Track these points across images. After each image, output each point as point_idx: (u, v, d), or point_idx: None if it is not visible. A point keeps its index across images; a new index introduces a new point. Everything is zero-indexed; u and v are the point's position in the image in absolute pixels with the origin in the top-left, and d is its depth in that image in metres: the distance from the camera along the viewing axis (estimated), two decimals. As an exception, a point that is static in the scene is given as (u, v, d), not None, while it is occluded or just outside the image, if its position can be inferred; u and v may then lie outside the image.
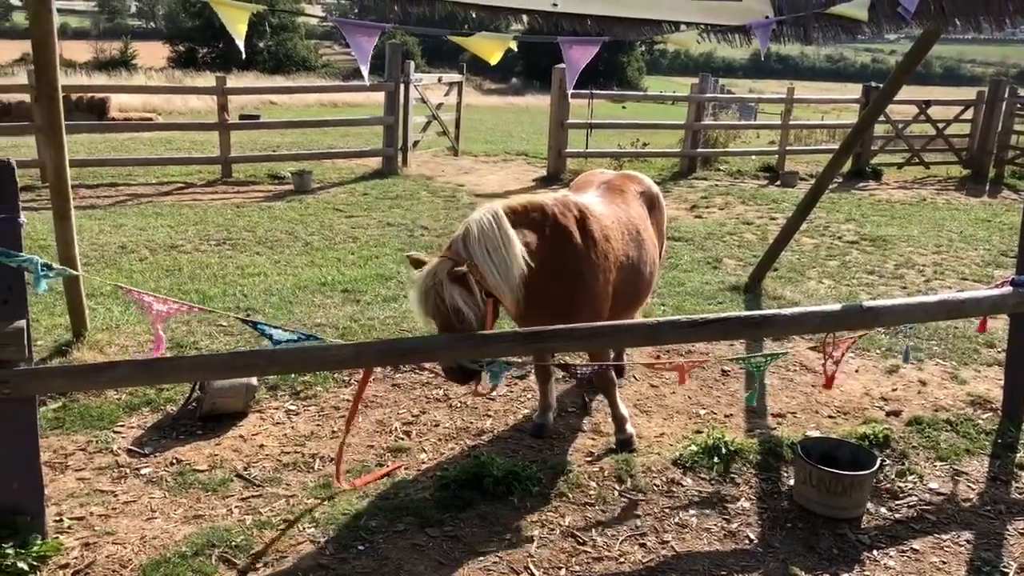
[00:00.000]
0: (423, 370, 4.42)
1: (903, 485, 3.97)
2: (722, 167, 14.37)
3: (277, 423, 4.40)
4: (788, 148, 14.89)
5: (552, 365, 4.31)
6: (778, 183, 13.32)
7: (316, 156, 12.97)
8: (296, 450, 4.11)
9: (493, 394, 4.68)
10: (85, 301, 5.31)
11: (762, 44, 4.03)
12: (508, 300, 3.51)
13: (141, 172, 11.62)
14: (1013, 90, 14.62)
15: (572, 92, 4.60)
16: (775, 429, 4.56)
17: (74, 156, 8.15)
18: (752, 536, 3.53)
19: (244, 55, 4.40)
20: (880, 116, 10.10)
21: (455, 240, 3.46)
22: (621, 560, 3.34)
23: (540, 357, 4.20)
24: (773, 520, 3.65)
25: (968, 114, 15.33)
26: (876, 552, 3.45)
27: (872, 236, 9.49)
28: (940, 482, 4.03)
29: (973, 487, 4.01)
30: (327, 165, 12.85)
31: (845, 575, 3.29)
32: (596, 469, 4.00)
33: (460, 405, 4.68)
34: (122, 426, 4.27)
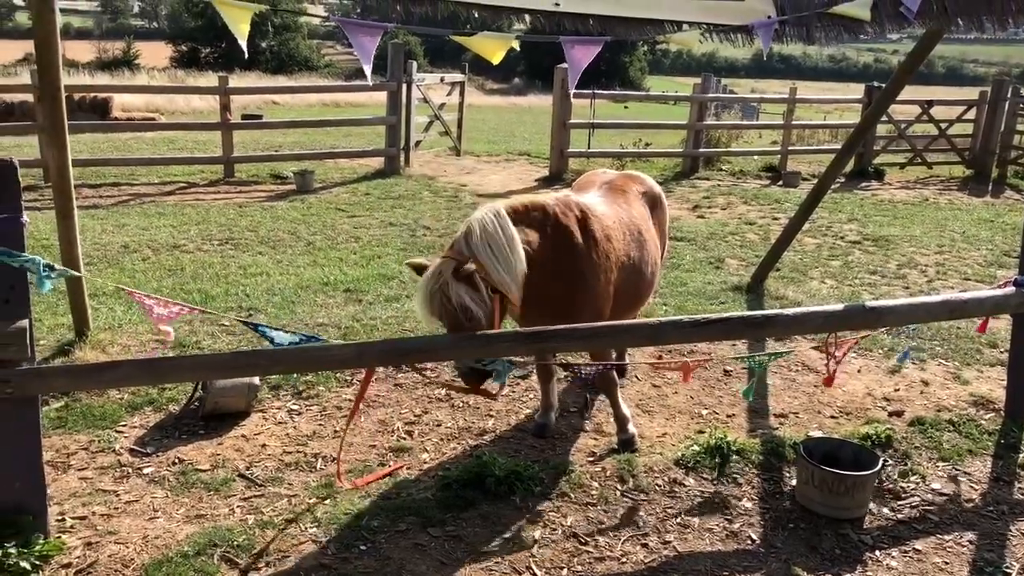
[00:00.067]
0: (420, 372, 4.40)
1: (905, 485, 3.97)
2: (724, 167, 14.36)
3: (279, 423, 4.40)
4: (790, 148, 14.88)
5: (555, 365, 4.30)
6: (780, 183, 13.31)
7: (318, 156, 12.97)
8: (298, 450, 4.11)
9: (499, 396, 4.66)
10: (88, 301, 5.31)
11: (764, 44, 4.02)
12: (514, 295, 3.49)
13: (144, 172, 11.63)
14: (1016, 90, 14.60)
15: (574, 92, 4.60)
16: (777, 429, 4.55)
17: (77, 156, 8.17)
18: (754, 536, 3.53)
19: (247, 55, 4.41)
20: (883, 116, 10.11)
21: (457, 240, 3.45)
22: (623, 560, 3.34)
23: (542, 357, 4.20)
24: (775, 520, 3.65)
25: (971, 114, 15.30)
26: (878, 552, 3.45)
27: (874, 236, 9.48)
28: (942, 482, 4.03)
29: (975, 487, 4.00)
30: (329, 165, 12.85)
31: (847, 575, 3.29)
32: (598, 469, 3.99)
33: (462, 405, 4.68)
34: (124, 426, 4.28)
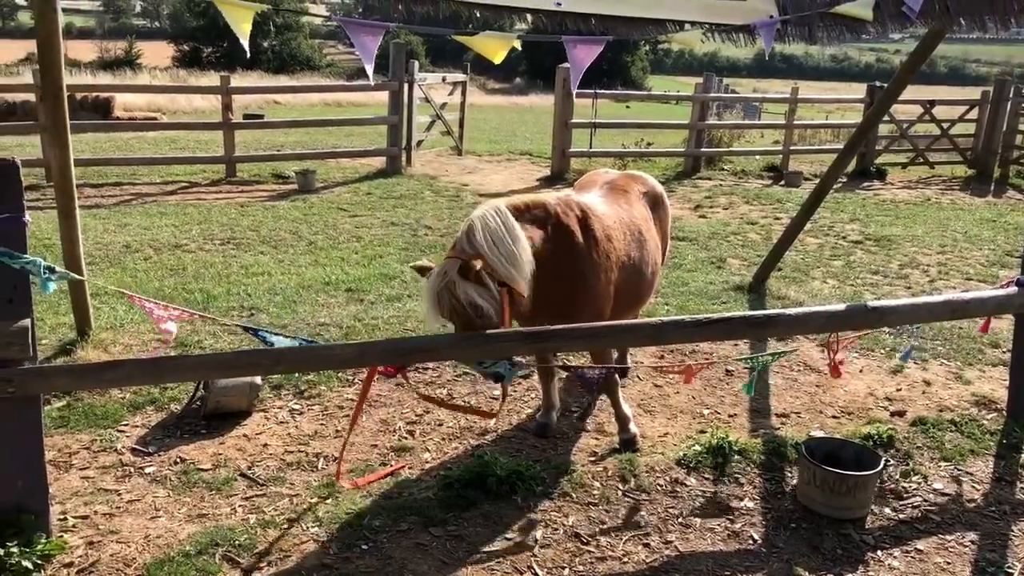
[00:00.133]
0: (414, 388, 4.37)
1: (907, 485, 3.96)
2: (726, 167, 14.35)
3: (281, 422, 4.40)
4: (792, 148, 14.86)
5: (556, 367, 4.30)
6: (782, 183, 13.30)
7: (320, 155, 12.97)
8: (300, 449, 4.11)
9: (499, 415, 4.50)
10: (89, 300, 5.32)
11: (766, 43, 4.02)
12: (522, 287, 3.45)
13: (145, 171, 11.63)
14: (1018, 90, 14.58)
15: (576, 91, 4.60)
16: (779, 429, 4.55)
17: (79, 155, 8.19)
18: (756, 536, 3.53)
19: (248, 54, 4.41)
20: (885, 116, 10.10)
21: (459, 239, 3.44)
22: (624, 560, 3.34)
23: (542, 357, 4.20)
24: (777, 520, 3.65)
25: (973, 114, 15.28)
26: (880, 552, 3.44)
27: (876, 236, 9.47)
28: (944, 483, 4.02)
29: (978, 488, 4.00)
30: (331, 164, 12.85)
31: (849, 575, 3.29)
32: (600, 469, 3.99)
33: (464, 404, 4.68)
34: (126, 425, 4.28)
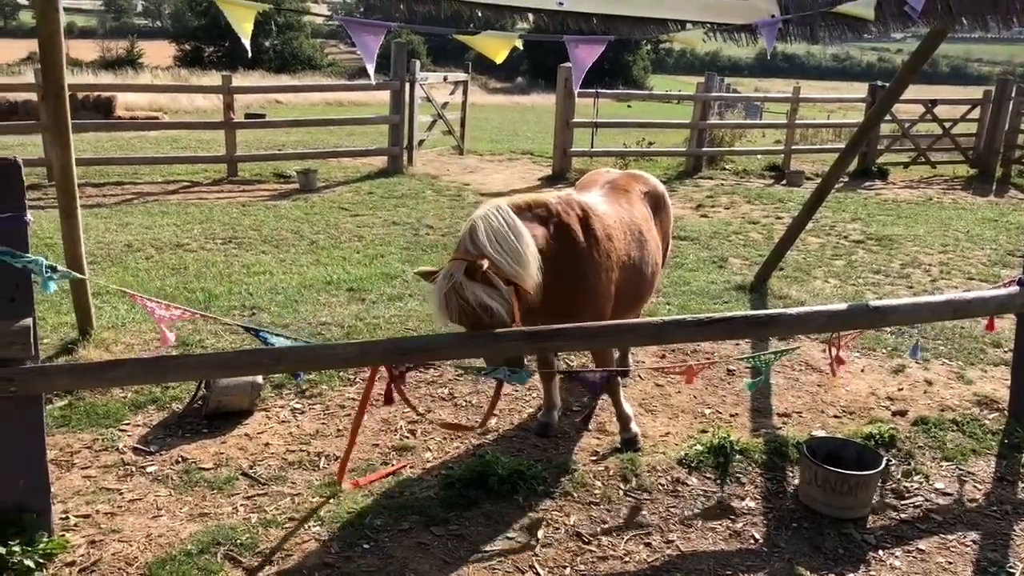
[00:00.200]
0: (408, 402, 4.35)
1: (909, 485, 3.96)
2: (728, 166, 14.34)
3: (282, 421, 4.41)
4: (794, 147, 14.86)
5: (559, 372, 4.29)
6: (784, 182, 13.29)
7: (321, 155, 12.97)
8: (301, 448, 4.12)
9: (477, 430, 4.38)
10: (91, 299, 5.32)
11: (768, 43, 4.01)
12: (530, 284, 3.43)
13: (147, 171, 11.64)
14: (1020, 89, 14.54)
15: (578, 91, 4.59)
16: (780, 429, 4.55)
17: (80, 155, 8.19)
18: (757, 536, 3.53)
19: (250, 54, 4.41)
20: (886, 115, 10.08)
21: (463, 239, 3.42)
22: (626, 559, 3.34)
23: (544, 356, 4.20)
24: (778, 520, 3.65)
25: (975, 113, 15.26)
26: (882, 552, 3.44)
27: (878, 235, 9.47)
28: (946, 482, 4.02)
29: (979, 487, 3.99)
30: (332, 164, 12.86)
31: (850, 575, 3.29)
32: (601, 468, 3.99)
33: (465, 404, 4.68)
34: (128, 424, 4.29)
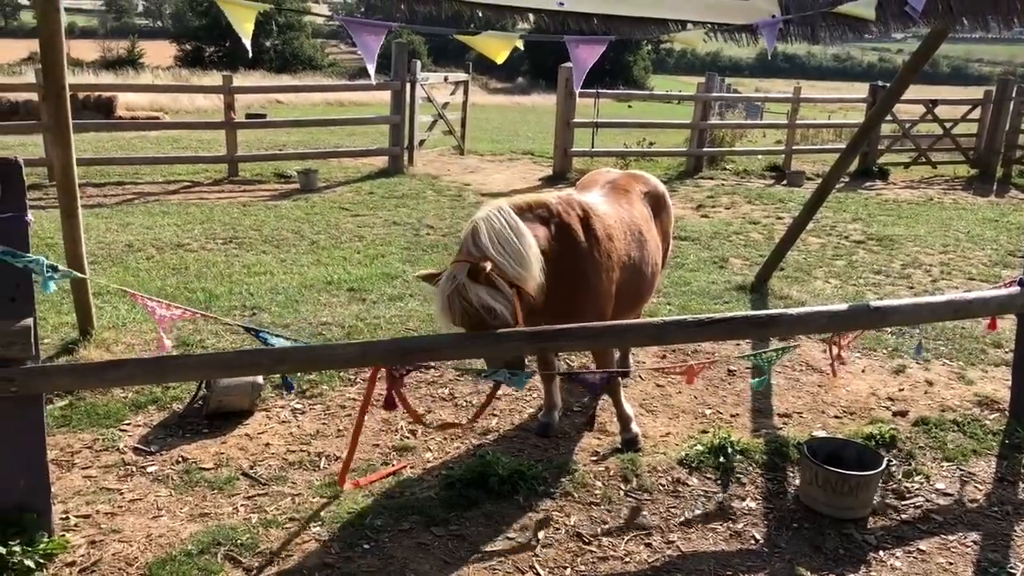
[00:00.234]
0: (408, 406, 4.32)
1: (909, 485, 3.96)
2: (728, 166, 14.34)
3: (283, 422, 4.41)
4: (794, 147, 14.86)
5: (559, 374, 4.28)
6: (784, 182, 13.29)
7: (322, 155, 12.98)
8: (302, 449, 4.12)
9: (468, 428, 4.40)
10: (92, 299, 5.32)
11: (769, 43, 4.01)
12: (531, 288, 3.43)
13: (148, 171, 11.64)
14: (1021, 89, 14.55)
15: (579, 91, 4.59)
16: (781, 429, 4.54)
17: (81, 155, 8.18)
18: (758, 536, 3.53)
19: (251, 54, 4.40)
20: (887, 115, 10.08)
21: (465, 241, 3.41)
22: (626, 560, 3.33)
23: (545, 356, 4.20)
24: (779, 520, 3.64)
25: (975, 113, 15.26)
26: (882, 553, 3.44)
27: (879, 236, 9.46)
28: (947, 483, 4.02)
29: (980, 488, 3.99)
30: (333, 164, 12.86)
31: (851, 575, 3.30)
32: (602, 468, 3.99)
33: (466, 404, 4.68)
34: (128, 424, 4.29)
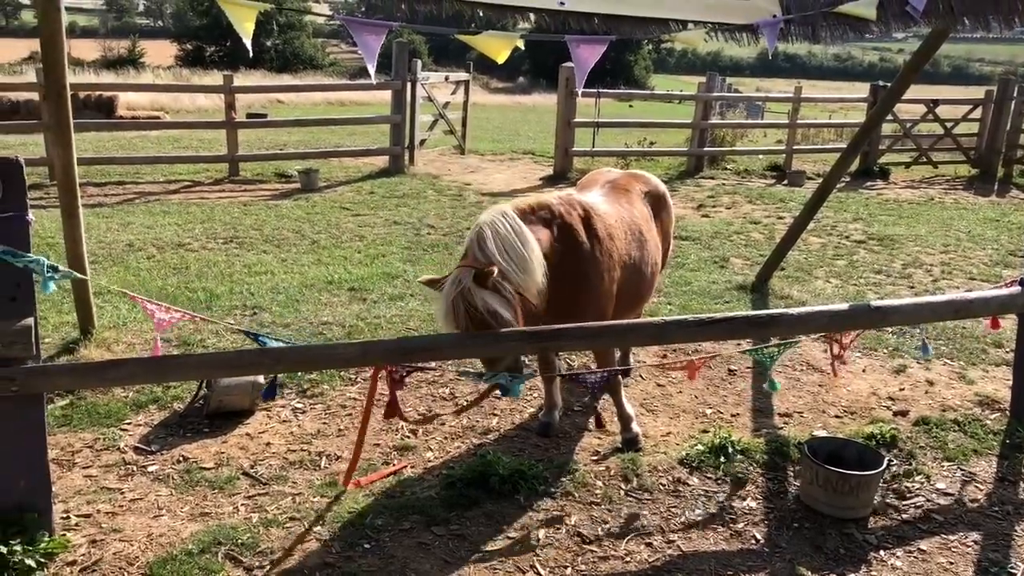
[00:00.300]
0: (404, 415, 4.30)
1: (910, 485, 3.96)
2: (729, 166, 14.34)
3: (284, 421, 4.41)
4: (795, 147, 14.86)
5: (559, 375, 4.28)
6: (785, 182, 13.29)
7: (323, 155, 12.98)
8: (302, 448, 4.12)
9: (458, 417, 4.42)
10: (92, 299, 5.32)
11: (770, 43, 4.01)
12: (532, 293, 3.43)
13: (149, 170, 11.65)
14: (1022, 89, 14.54)
15: (581, 91, 4.58)
16: (782, 429, 4.54)
17: (82, 154, 8.19)
18: (758, 536, 3.53)
19: (251, 53, 4.40)
20: (888, 115, 10.07)
21: (470, 246, 3.39)
22: (627, 559, 3.33)
23: (545, 356, 4.20)
24: (779, 520, 3.64)
25: (976, 113, 15.26)
26: (883, 552, 3.44)
27: (880, 235, 9.46)
28: (947, 482, 4.02)
29: (981, 488, 3.99)
30: (334, 163, 12.86)
31: (852, 575, 3.29)
32: (602, 468, 3.99)
33: (466, 403, 4.67)
34: (129, 424, 4.29)
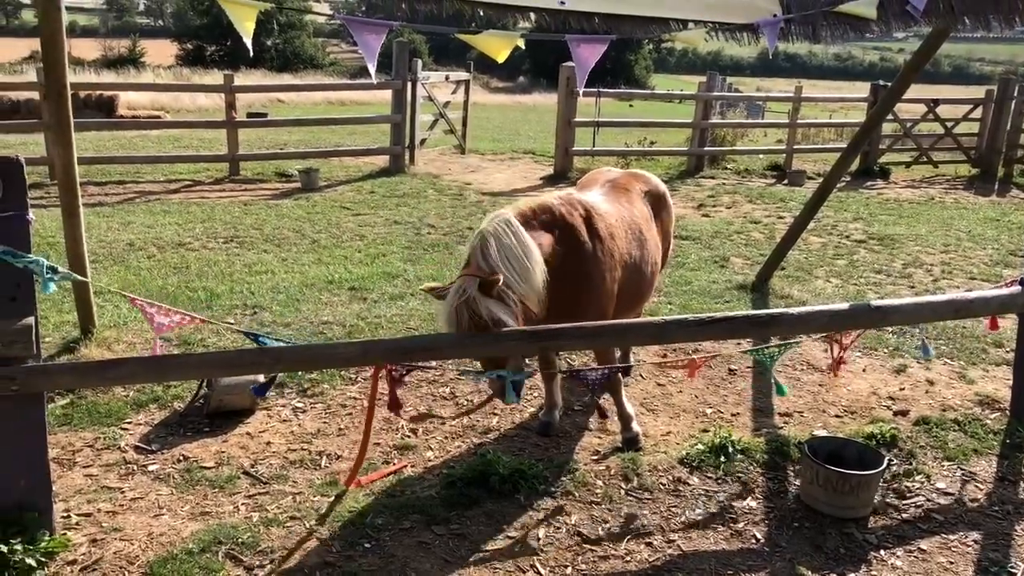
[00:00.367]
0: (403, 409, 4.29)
1: (910, 485, 3.96)
2: (729, 166, 14.34)
3: (284, 420, 4.41)
4: (796, 147, 14.87)
5: (560, 373, 4.29)
6: (785, 182, 13.29)
7: (323, 154, 12.98)
8: (303, 447, 4.12)
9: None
10: (93, 298, 5.32)
11: (770, 42, 4.00)
12: (533, 302, 3.45)
13: (149, 170, 11.65)
14: (1022, 88, 14.54)
15: (581, 91, 4.58)
16: (782, 428, 4.54)
17: (82, 154, 8.19)
18: (758, 535, 3.53)
19: (252, 53, 4.39)
20: (888, 115, 10.08)
21: (473, 254, 3.39)
22: (627, 559, 3.33)
23: (546, 355, 4.20)
24: (780, 519, 3.64)
25: (977, 113, 15.25)
26: (883, 552, 3.44)
27: (880, 235, 9.46)
28: (947, 482, 4.02)
29: (981, 487, 3.99)
30: (334, 163, 12.86)
31: (852, 575, 3.29)
32: (602, 468, 3.99)
33: (466, 403, 4.68)
34: (129, 423, 4.29)
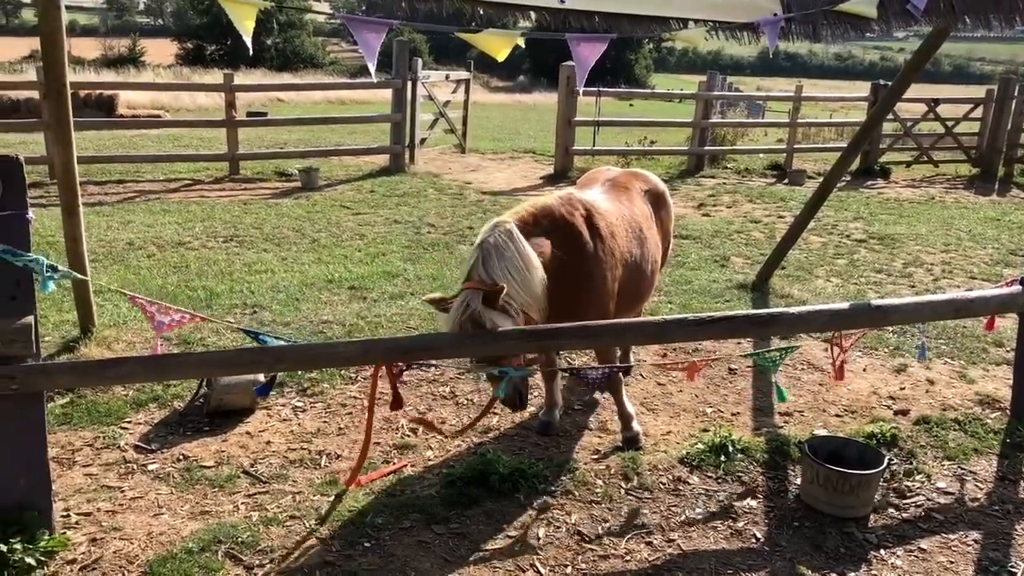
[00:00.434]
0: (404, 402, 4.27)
1: (911, 484, 3.96)
2: (730, 165, 14.34)
3: (284, 420, 4.41)
4: (796, 146, 14.87)
5: (560, 370, 4.29)
6: (786, 181, 13.29)
7: (323, 153, 12.97)
8: (303, 447, 4.12)
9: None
10: (93, 297, 5.32)
11: (770, 42, 4.00)
12: (534, 310, 3.47)
13: (149, 169, 11.64)
14: (1023, 88, 14.54)
15: (581, 90, 4.58)
16: (782, 428, 4.54)
17: (82, 153, 8.19)
18: (759, 535, 3.52)
19: (251, 52, 4.39)
20: (889, 114, 10.07)
21: (474, 267, 3.39)
22: (627, 558, 3.33)
23: (546, 355, 4.20)
24: (780, 519, 3.64)
25: (977, 112, 15.25)
26: (883, 551, 3.44)
27: (880, 234, 9.46)
28: (948, 481, 4.02)
29: (981, 487, 3.99)
30: (334, 162, 12.86)
31: (852, 574, 3.28)
32: (602, 467, 3.99)
33: (466, 403, 4.68)
34: (129, 422, 4.29)
